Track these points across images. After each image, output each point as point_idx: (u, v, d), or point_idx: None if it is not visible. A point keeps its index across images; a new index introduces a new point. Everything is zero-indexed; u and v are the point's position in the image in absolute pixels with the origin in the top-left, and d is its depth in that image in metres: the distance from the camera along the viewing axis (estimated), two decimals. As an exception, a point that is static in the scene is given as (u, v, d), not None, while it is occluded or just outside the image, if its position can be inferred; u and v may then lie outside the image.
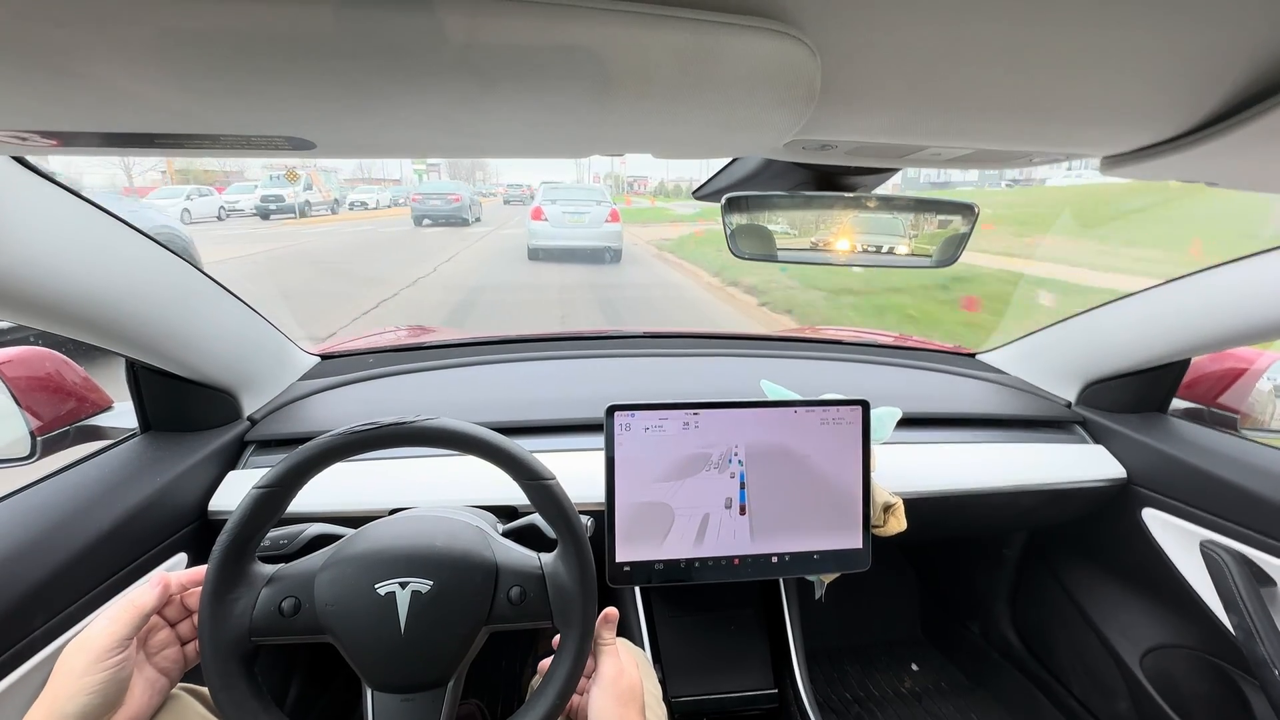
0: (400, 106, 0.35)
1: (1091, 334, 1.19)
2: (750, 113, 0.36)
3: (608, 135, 0.41)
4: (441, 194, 15.59)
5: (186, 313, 0.85)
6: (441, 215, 15.03)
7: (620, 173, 48.91)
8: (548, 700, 0.58)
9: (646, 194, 43.18)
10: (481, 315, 5.94)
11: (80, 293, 0.67)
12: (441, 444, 0.59)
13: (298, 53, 0.28)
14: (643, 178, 56.16)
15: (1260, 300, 0.90)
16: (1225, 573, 0.97)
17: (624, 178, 51.70)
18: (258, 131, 0.38)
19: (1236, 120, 0.37)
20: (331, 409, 1.10)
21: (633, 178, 54.57)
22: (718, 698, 1.10)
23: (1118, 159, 0.47)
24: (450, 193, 15.57)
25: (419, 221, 14.96)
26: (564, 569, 0.60)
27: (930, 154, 0.51)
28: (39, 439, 0.85)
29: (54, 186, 0.64)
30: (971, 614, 1.55)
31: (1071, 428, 1.23)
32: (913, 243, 0.68)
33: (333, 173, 24.99)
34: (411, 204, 15.87)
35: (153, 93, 0.32)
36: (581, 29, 0.28)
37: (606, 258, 9.35)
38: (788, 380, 1.08)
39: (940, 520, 1.12)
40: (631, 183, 54.82)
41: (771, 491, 0.91)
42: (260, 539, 0.57)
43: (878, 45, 0.32)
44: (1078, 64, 0.34)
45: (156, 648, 0.57)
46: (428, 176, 36.02)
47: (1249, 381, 1.13)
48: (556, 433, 1.06)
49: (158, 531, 0.81)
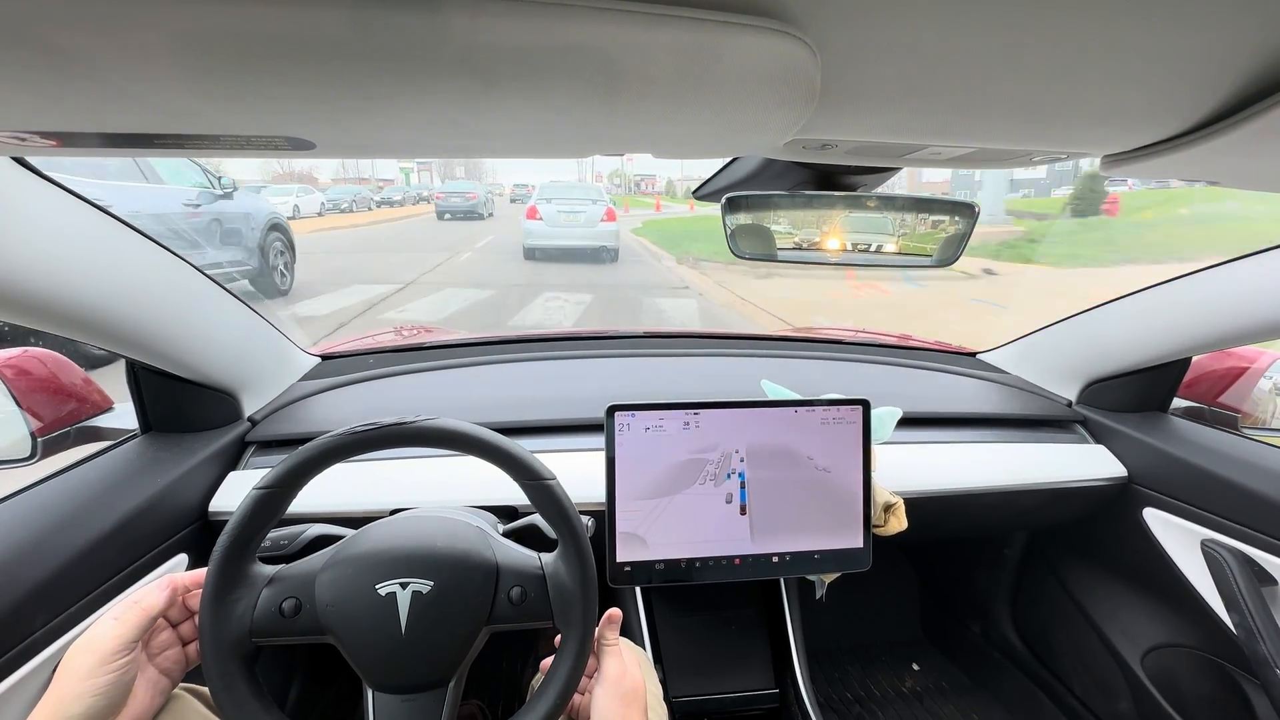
0: (401, 107, 0.35)
1: (1092, 333, 1.19)
2: (751, 112, 0.36)
3: (608, 135, 0.41)
4: (461, 193, 18.33)
5: (187, 314, 0.85)
6: (460, 210, 17.43)
7: (627, 170, 46.92)
8: (548, 700, 0.58)
9: (653, 194, 41.17)
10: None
11: (80, 294, 0.67)
12: (442, 444, 0.59)
13: (298, 53, 0.28)
14: (650, 176, 52.23)
15: (1260, 300, 0.90)
16: (1226, 572, 0.97)
17: (631, 176, 48.51)
18: (258, 132, 0.38)
19: (1236, 119, 0.37)
20: (332, 410, 1.10)
21: (640, 176, 50.97)
22: (719, 697, 1.10)
23: (1118, 158, 0.47)
24: (468, 191, 18.36)
25: (441, 216, 17.31)
26: (565, 569, 0.60)
27: (930, 153, 0.51)
28: (40, 440, 0.85)
29: (54, 187, 0.64)
30: (972, 614, 1.55)
31: (1072, 427, 1.23)
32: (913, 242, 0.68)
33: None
34: (435, 201, 18.65)
35: (153, 93, 0.32)
36: (582, 29, 0.28)
37: (603, 257, 9.39)
38: (788, 380, 1.08)
39: (941, 520, 1.12)
40: (639, 181, 51.65)
41: (772, 491, 0.91)
42: (261, 539, 0.57)
43: (878, 45, 0.32)
44: (1078, 63, 0.34)
45: (159, 648, 0.57)
46: (415, 177, 36.00)
47: (1250, 380, 1.13)
48: (557, 433, 1.06)
49: (158, 532, 0.81)
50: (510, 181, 39.53)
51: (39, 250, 0.62)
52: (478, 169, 47.32)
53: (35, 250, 0.61)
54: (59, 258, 0.64)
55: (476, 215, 17.17)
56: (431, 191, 22.70)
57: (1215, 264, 0.95)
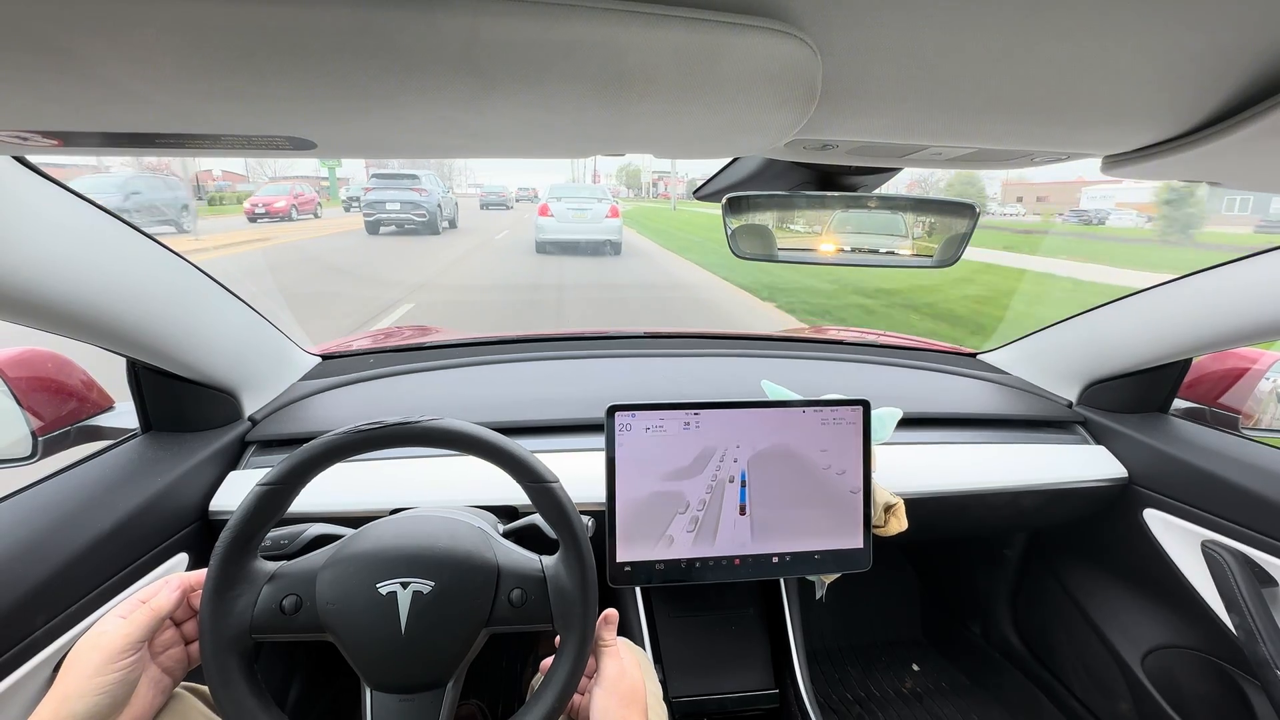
0: (402, 107, 0.35)
1: (1093, 334, 1.19)
2: (752, 112, 0.36)
3: (609, 135, 0.42)
4: (397, 192, 12.41)
5: (187, 313, 0.85)
6: (398, 221, 12.45)
7: (643, 166, 41.31)
8: (548, 701, 0.58)
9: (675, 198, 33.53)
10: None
11: (81, 293, 0.67)
12: (444, 444, 0.59)
13: (300, 53, 0.28)
14: (664, 174, 44.18)
15: (1261, 300, 0.90)
16: (1227, 573, 0.97)
17: (645, 170, 41.73)
18: (259, 132, 0.38)
19: (1237, 120, 0.37)
20: (332, 409, 1.10)
21: (658, 174, 44.04)
22: (718, 698, 1.10)
23: (1119, 159, 0.47)
24: (414, 185, 12.50)
25: (375, 229, 12.64)
26: (565, 572, 0.60)
27: (931, 154, 0.51)
28: (40, 439, 0.85)
29: (55, 187, 0.64)
30: (972, 614, 1.55)
31: (1073, 428, 1.23)
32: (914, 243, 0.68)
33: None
34: (364, 201, 13.01)
35: (155, 93, 0.32)
36: (583, 28, 0.28)
37: (607, 250, 10.53)
38: (788, 380, 1.08)
39: (941, 520, 1.12)
40: (656, 180, 45.66)
41: (772, 491, 0.91)
42: (262, 537, 0.57)
43: (879, 45, 0.32)
44: (1079, 64, 0.34)
45: (162, 647, 0.57)
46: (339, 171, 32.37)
47: (1250, 381, 1.12)
48: (557, 433, 1.06)
49: (159, 532, 0.81)
50: (474, 183, 35.37)
51: (39, 250, 0.62)
52: (445, 166, 40.13)
53: (36, 250, 0.61)
54: (59, 257, 0.64)
55: (423, 227, 12.42)
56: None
57: (1215, 265, 0.95)
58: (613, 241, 10.46)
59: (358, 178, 29.12)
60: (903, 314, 7.23)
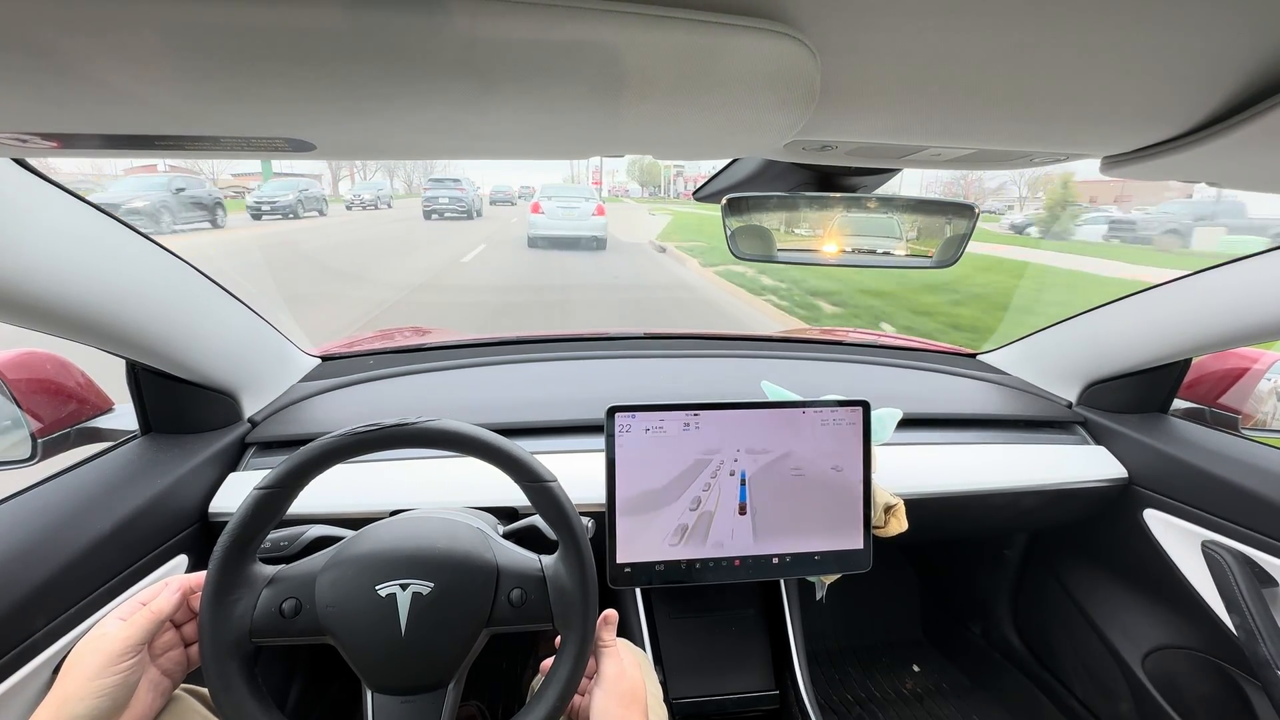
0: (401, 108, 0.35)
1: (1092, 334, 1.19)
2: (751, 113, 0.36)
3: (609, 136, 0.42)
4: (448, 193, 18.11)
5: (187, 315, 0.85)
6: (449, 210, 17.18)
7: (661, 162, 33.69)
8: (548, 702, 0.58)
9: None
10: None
11: (80, 295, 0.67)
12: (443, 445, 0.59)
13: (299, 55, 0.28)
14: (681, 171, 36.13)
15: (1260, 300, 0.90)
16: (1227, 573, 0.97)
17: (664, 166, 33.90)
18: (258, 133, 0.38)
19: (1236, 120, 0.37)
20: (332, 411, 1.10)
21: (679, 171, 36.17)
22: (719, 698, 1.10)
23: (1118, 159, 0.47)
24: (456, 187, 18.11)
25: (428, 216, 17.21)
26: (565, 571, 0.60)
27: (930, 154, 0.51)
28: (39, 441, 0.85)
29: (54, 188, 0.64)
30: (973, 615, 1.55)
31: (1072, 428, 1.23)
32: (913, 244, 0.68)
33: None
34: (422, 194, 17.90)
35: (154, 95, 0.32)
36: (582, 30, 0.28)
37: (593, 245, 11.60)
38: (788, 381, 1.08)
39: (941, 521, 1.12)
40: (676, 176, 39.14)
41: (772, 492, 0.91)
42: (261, 540, 0.57)
43: (878, 46, 0.32)
44: (1078, 64, 0.34)
45: (161, 649, 0.57)
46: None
47: (1250, 382, 1.12)
48: (557, 434, 1.06)
49: (158, 534, 0.81)
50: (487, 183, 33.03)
51: (39, 251, 0.62)
52: (453, 169, 36.33)
53: (35, 251, 0.61)
54: (59, 259, 0.64)
55: (464, 215, 16.69)
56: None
57: (1215, 265, 0.95)
58: (598, 237, 11.51)
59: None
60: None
